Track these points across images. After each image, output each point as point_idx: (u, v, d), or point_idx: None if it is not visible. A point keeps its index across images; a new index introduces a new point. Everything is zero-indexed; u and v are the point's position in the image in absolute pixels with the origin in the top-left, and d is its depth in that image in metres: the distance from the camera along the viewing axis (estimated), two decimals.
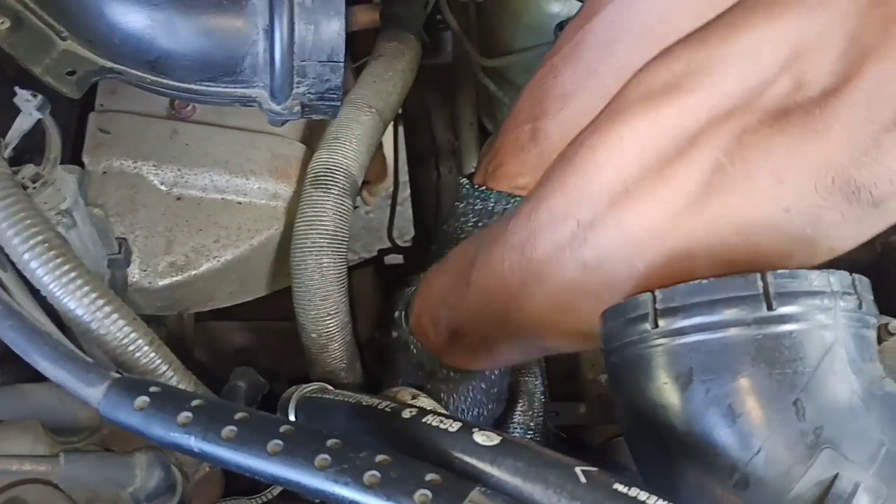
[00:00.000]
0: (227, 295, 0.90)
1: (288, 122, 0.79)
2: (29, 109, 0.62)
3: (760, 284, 0.46)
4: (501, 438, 0.48)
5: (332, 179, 0.81)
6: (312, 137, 0.93)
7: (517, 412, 0.87)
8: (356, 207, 0.87)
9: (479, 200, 0.90)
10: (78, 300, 0.58)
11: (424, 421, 0.52)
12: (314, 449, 0.46)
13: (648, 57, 0.77)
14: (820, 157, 0.47)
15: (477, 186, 0.91)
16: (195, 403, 0.50)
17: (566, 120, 0.85)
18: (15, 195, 0.59)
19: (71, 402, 0.59)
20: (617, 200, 0.55)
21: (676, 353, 0.49)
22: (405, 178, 1.35)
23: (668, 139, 0.53)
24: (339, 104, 0.78)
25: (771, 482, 0.46)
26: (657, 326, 0.49)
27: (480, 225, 0.90)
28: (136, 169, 0.86)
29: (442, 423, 0.51)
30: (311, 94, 0.74)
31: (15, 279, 0.60)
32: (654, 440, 0.51)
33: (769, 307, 0.46)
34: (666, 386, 0.49)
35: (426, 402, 0.70)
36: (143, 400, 0.51)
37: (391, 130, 1.32)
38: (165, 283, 0.85)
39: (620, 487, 0.44)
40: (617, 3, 0.78)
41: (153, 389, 0.52)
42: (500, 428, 0.85)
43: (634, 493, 0.43)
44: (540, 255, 0.61)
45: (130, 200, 0.85)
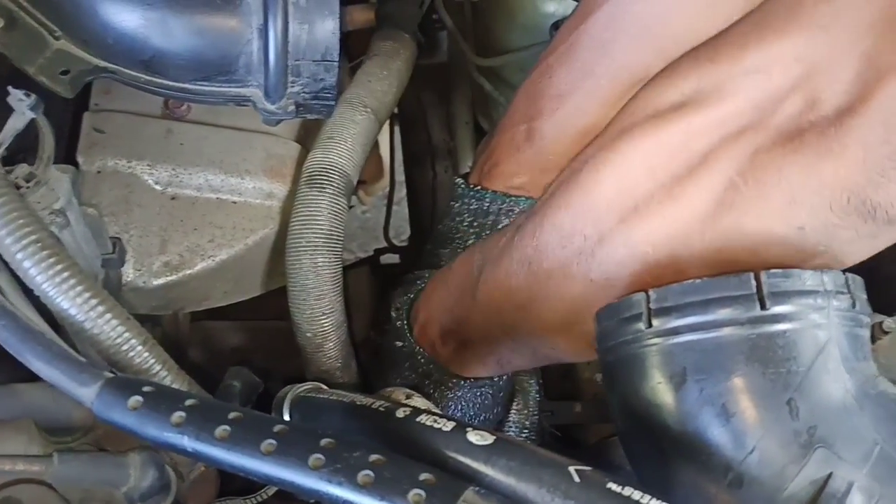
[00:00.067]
0: (221, 294, 0.90)
1: (283, 121, 0.79)
2: (22, 109, 0.61)
3: (754, 284, 0.47)
4: (495, 438, 0.48)
5: (327, 179, 0.81)
6: (307, 137, 0.92)
7: (513, 411, 0.87)
8: (352, 207, 0.87)
9: (474, 200, 0.90)
10: (71, 300, 0.58)
11: (418, 420, 0.51)
12: (308, 449, 0.46)
13: (644, 57, 0.78)
14: (835, 176, 0.47)
15: (472, 186, 0.91)
16: (189, 403, 0.50)
17: (562, 120, 0.84)
18: (8, 195, 0.58)
19: (65, 401, 0.59)
20: (626, 217, 0.55)
21: (670, 352, 0.49)
22: (401, 177, 1.35)
23: (677, 157, 0.53)
24: (333, 103, 0.78)
25: (765, 481, 0.46)
26: (651, 326, 0.49)
27: (476, 224, 0.90)
28: (130, 168, 0.85)
29: (436, 422, 0.51)
30: (305, 93, 0.74)
31: (8, 279, 0.59)
32: (648, 439, 0.51)
33: (763, 306, 0.46)
34: (660, 385, 0.49)
35: (420, 401, 0.69)
36: (136, 400, 0.51)
37: (387, 130, 1.32)
38: (160, 282, 0.85)
39: (614, 487, 0.43)
40: (612, 2, 0.78)
41: (146, 389, 0.52)
42: (495, 427, 0.85)
43: (628, 492, 0.43)
44: (547, 270, 0.61)
45: (125, 200, 0.85)
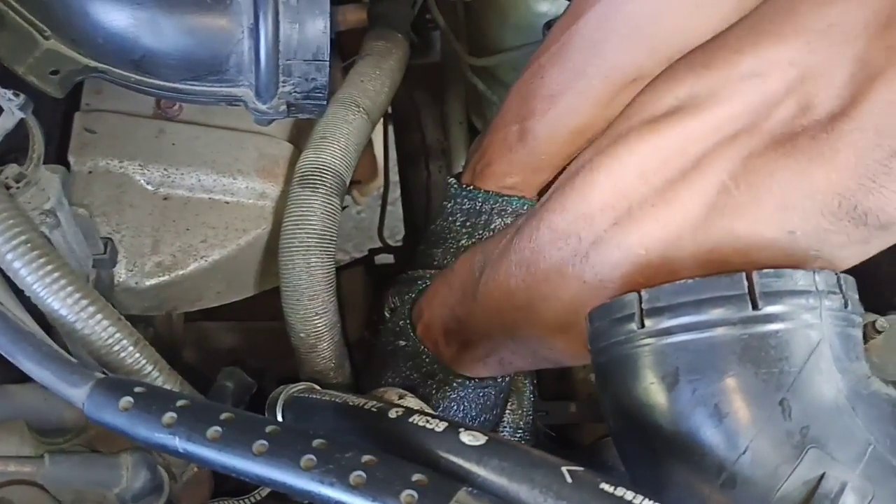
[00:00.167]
0: (214, 295, 0.90)
1: (275, 121, 0.79)
2: (11, 109, 0.61)
3: (746, 284, 0.47)
4: (488, 438, 0.48)
5: (319, 179, 0.81)
6: (300, 137, 0.92)
7: (507, 411, 0.87)
8: (346, 207, 0.87)
9: (467, 200, 0.90)
10: (62, 300, 0.58)
11: (411, 421, 0.51)
12: (300, 449, 0.46)
13: (636, 57, 0.78)
14: (827, 181, 0.47)
15: (465, 186, 0.91)
16: (180, 404, 0.50)
17: (554, 120, 0.85)
18: None
19: (56, 402, 0.59)
20: (620, 220, 0.55)
21: (663, 352, 0.49)
22: (396, 177, 1.35)
23: (671, 162, 0.53)
24: (325, 103, 0.77)
25: (758, 482, 0.46)
26: (643, 326, 0.49)
27: (468, 224, 0.90)
28: (122, 169, 0.85)
29: (428, 422, 0.50)
30: (296, 92, 0.74)
31: None
32: (641, 440, 0.51)
33: (755, 306, 0.46)
34: (653, 386, 0.49)
35: (413, 402, 0.69)
36: (127, 400, 0.51)
37: (381, 130, 1.32)
38: (152, 283, 0.84)
39: (607, 487, 0.43)
40: (604, 3, 0.78)
41: (138, 390, 0.51)
42: (492, 428, 0.85)
43: (621, 492, 0.43)
44: (544, 271, 0.61)
45: (117, 200, 0.85)
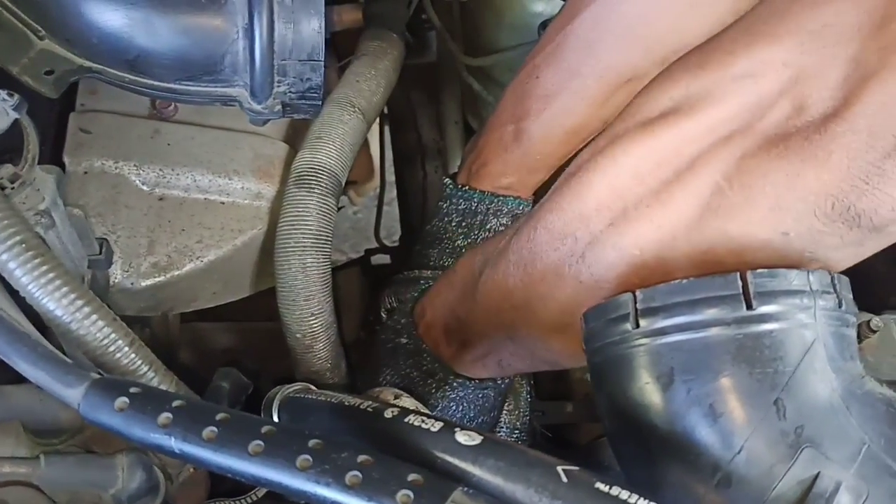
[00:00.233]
0: (210, 295, 0.90)
1: (270, 121, 0.79)
2: (5, 109, 0.61)
3: (740, 284, 0.47)
4: (483, 438, 0.48)
5: (315, 179, 0.81)
6: (296, 137, 0.92)
7: (504, 412, 0.87)
8: (342, 208, 0.87)
9: (462, 200, 0.90)
10: (57, 301, 0.58)
11: (406, 421, 0.51)
12: (295, 449, 0.46)
13: (631, 57, 0.78)
14: (820, 183, 0.47)
15: (461, 186, 0.91)
16: (176, 404, 0.50)
17: (549, 120, 0.85)
18: None
19: (52, 403, 0.59)
20: (616, 220, 0.55)
21: (658, 352, 0.49)
22: (392, 177, 1.35)
23: (666, 163, 0.53)
24: (320, 103, 0.77)
25: (753, 481, 0.46)
26: (638, 326, 0.49)
27: (464, 224, 0.90)
28: (117, 169, 0.85)
29: (424, 422, 0.50)
30: (291, 92, 0.74)
31: None
32: (636, 440, 0.51)
33: (749, 306, 0.46)
34: (648, 386, 0.49)
35: (409, 402, 0.69)
36: (122, 401, 0.51)
37: (377, 130, 1.32)
38: (148, 283, 0.84)
39: (602, 486, 0.43)
40: (599, 3, 0.78)
41: (133, 390, 0.51)
42: (489, 429, 0.85)
43: (616, 492, 0.43)
44: (541, 271, 0.61)
45: (112, 201, 0.84)
